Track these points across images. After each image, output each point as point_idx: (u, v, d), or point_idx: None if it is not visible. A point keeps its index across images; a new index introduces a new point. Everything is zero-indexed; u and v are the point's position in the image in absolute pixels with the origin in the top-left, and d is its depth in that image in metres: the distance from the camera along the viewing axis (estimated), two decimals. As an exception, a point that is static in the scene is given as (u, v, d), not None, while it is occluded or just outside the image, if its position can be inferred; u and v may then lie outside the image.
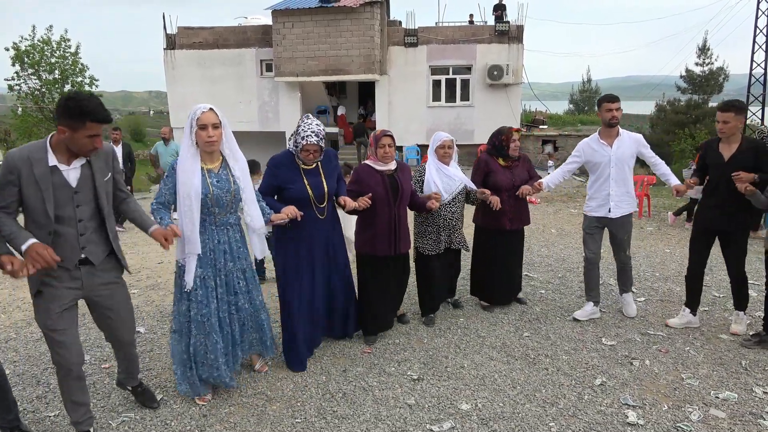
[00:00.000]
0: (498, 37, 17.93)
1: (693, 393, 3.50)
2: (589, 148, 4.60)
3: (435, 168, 4.49)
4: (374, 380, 3.67)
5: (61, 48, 24.95)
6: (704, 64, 26.62)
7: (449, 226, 4.52)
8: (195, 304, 3.20)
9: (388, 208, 4.03)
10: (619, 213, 4.53)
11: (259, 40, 18.77)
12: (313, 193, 3.66)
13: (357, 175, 4.08)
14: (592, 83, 44.04)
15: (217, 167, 3.19)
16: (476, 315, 4.83)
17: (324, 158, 3.75)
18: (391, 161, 4.09)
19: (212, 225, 3.21)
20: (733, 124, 4.07)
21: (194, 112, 3.06)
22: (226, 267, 3.27)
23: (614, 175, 4.48)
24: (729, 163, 4.09)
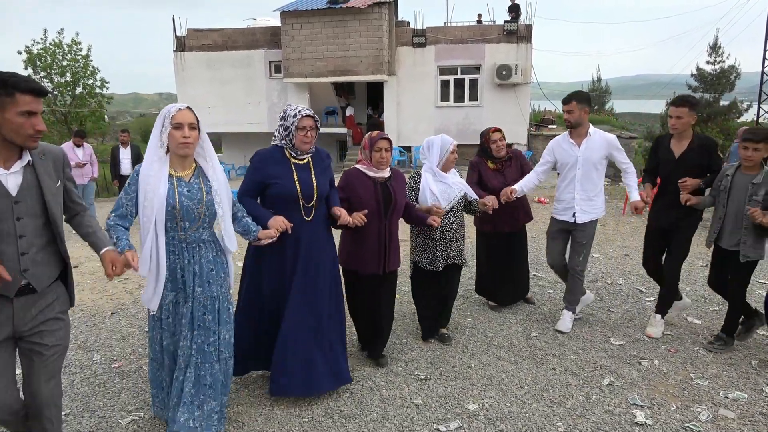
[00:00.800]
0: (506, 36, 17.88)
1: (702, 393, 3.48)
2: (560, 147, 4.33)
3: (432, 174, 4.02)
4: (381, 380, 3.67)
5: (73, 51, 25.20)
6: (715, 63, 26.40)
7: (447, 239, 4.04)
8: (167, 333, 2.83)
9: (378, 221, 3.57)
10: (585, 219, 4.25)
11: (267, 42, 18.86)
12: (302, 191, 3.21)
13: (346, 179, 3.60)
14: (602, 82, 43.75)
15: (189, 175, 2.75)
16: (484, 315, 4.82)
17: (316, 155, 3.34)
18: (386, 168, 3.62)
19: (182, 242, 2.73)
20: (686, 120, 3.99)
21: (168, 110, 2.68)
22: (194, 293, 2.78)
23: (580, 177, 4.21)
24: (680, 161, 4.03)
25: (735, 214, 3.83)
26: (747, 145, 3.73)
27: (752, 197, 3.72)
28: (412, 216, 3.85)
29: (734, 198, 3.82)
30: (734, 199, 3.82)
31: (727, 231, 3.88)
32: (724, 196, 3.87)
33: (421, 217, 3.82)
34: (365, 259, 3.62)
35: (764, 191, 3.69)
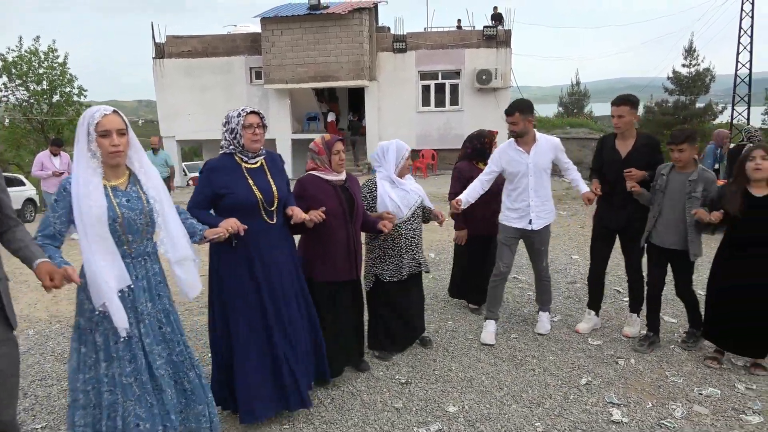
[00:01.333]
0: (486, 41, 18.07)
1: (677, 390, 3.55)
2: (506, 155, 4.21)
3: (389, 182, 3.92)
4: (362, 385, 3.68)
5: (49, 59, 24.87)
6: (691, 66, 26.90)
7: (412, 246, 3.97)
8: (116, 362, 2.43)
9: (346, 226, 3.46)
10: (541, 224, 4.22)
11: (248, 48, 18.83)
12: (262, 195, 3.02)
13: (303, 187, 3.43)
14: (582, 86, 44.33)
15: (124, 183, 2.50)
16: (464, 318, 4.86)
17: (268, 158, 3.17)
18: (343, 171, 3.55)
19: (126, 257, 2.45)
20: (628, 118, 4.04)
21: (91, 115, 2.36)
22: (146, 309, 2.52)
23: (533, 184, 4.16)
24: (626, 160, 4.06)
25: (671, 212, 3.87)
26: (672, 148, 3.82)
27: (691, 194, 3.78)
28: (366, 222, 3.71)
29: (670, 196, 3.87)
30: (671, 197, 3.87)
31: (662, 228, 3.92)
32: (660, 195, 3.92)
33: (373, 222, 3.71)
34: (338, 267, 3.48)
35: (701, 187, 3.77)
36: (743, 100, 23.45)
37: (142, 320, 2.50)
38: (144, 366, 2.47)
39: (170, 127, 19.37)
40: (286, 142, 19.00)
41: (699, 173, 3.81)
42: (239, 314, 3.05)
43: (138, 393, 2.45)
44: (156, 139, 10.78)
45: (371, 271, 4.00)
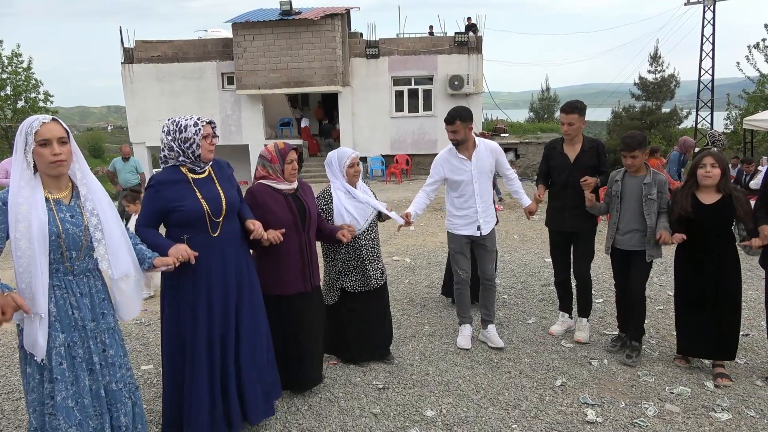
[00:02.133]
0: (458, 47, 18.24)
1: (649, 389, 3.62)
2: (448, 163, 4.21)
3: (344, 192, 3.86)
4: (340, 391, 3.67)
5: (13, 63, 24.26)
6: (656, 72, 27.61)
7: (373, 255, 3.94)
8: (61, 384, 2.29)
9: (298, 235, 3.36)
10: (489, 229, 4.26)
11: (219, 53, 18.64)
12: (210, 207, 2.88)
13: (253, 197, 3.32)
14: (551, 91, 45.06)
15: (68, 197, 2.37)
16: (440, 322, 4.88)
17: (215, 166, 3.05)
18: (295, 179, 3.44)
19: (68, 275, 2.34)
20: (578, 125, 4.15)
21: (29, 124, 2.24)
22: (86, 329, 2.38)
23: (478, 189, 4.17)
24: (575, 164, 4.20)
25: (629, 216, 3.93)
26: (624, 155, 3.89)
27: (647, 197, 3.85)
28: (324, 231, 3.65)
29: (627, 200, 3.95)
30: (627, 201, 3.94)
31: (623, 232, 3.97)
32: (616, 201, 3.99)
33: (332, 231, 3.65)
34: (288, 279, 3.36)
35: (656, 190, 3.84)
36: (707, 106, 24.13)
37: (91, 338, 2.39)
38: (86, 388, 2.35)
39: (140, 134, 19.04)
40: (259, 148, 18.54)
41: (652, 176, 3.89)
42: (189, 331, 2.90)
43: (79, 417, 2.32)
44: (127, 149, 10.71)
45: (335, 285, 3.92)
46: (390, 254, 7.50)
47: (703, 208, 3.62)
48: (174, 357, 2.95)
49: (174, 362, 2.95)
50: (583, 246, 4.33)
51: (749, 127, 12.37)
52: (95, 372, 2.38)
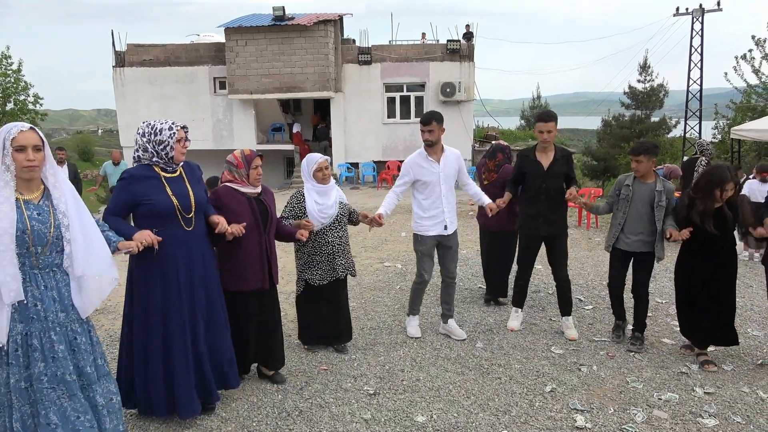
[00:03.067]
0: (450, 55, 18.35)
1: (637, 395, 3.65)
2: (418, 165, 4.44)
3: (315, 192, 4.15)
4: (330, 397, 3.67)
5: (2, 66, 24.07)
6: (645, 81, 27.90)
7: (341, 251, 4.24)
8: (15, 368, 2.51)
9: (258, 235, 3.60)
10: (453, 228, 4.51)
11: (212, 58, 18.62)
12: (180, 203, 3.17)
13: (218, 198, 3.55)
14: (542, 99, 45.40)
15: (38, 197, 2.60)
16: (431, 328, 4.90)
17: (186, 167, 3.33)
18: (258, 186, 3.68)
19: (33, 268, 2.55)
20: (554, 133, 4.40)
21: (8, 131, 2.49)
22: (57, 319, 2.58)
23: (444, 191, 4.42)
24: (548, 171, 4.44)
25: (638, 219, 4.23)
26: (631, 158, 4.23)
27: (659, 204, 4.15)
28: (283, 233, 3.90)
29: (636, 204, 4.23)
30: (636, 205, 4.23)
31: (627, 234, 4.27)
32: (624, 204, 4.26)
33: (290, 232, 3.90)
34: (247, 275, 3.59)
35: (665, 197, 4.16)
36: (695, 115, 24.41)
37: (51, 329, 2.56)
38: (40, 373, 2.52)
39: (131, 137, 18.83)
40: (251, 153, 18.80)
41: (663, 184, 4.20)
42: (160, 320, 3.16)
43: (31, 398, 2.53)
44: (117, 154, 10.95)
45: (301, 276, 4.24)
46: (381, 260, 7.51)
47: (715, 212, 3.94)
48: (148, 346, 3.17)
49: (148, 351, 3.17)
50: (558, 250, 4.58)
51: (736, 136, 12.52)
52: (58, 359, 2.55)
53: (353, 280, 6.46)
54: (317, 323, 4.32)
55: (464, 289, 6.08)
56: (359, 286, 6.23)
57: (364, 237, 9.17)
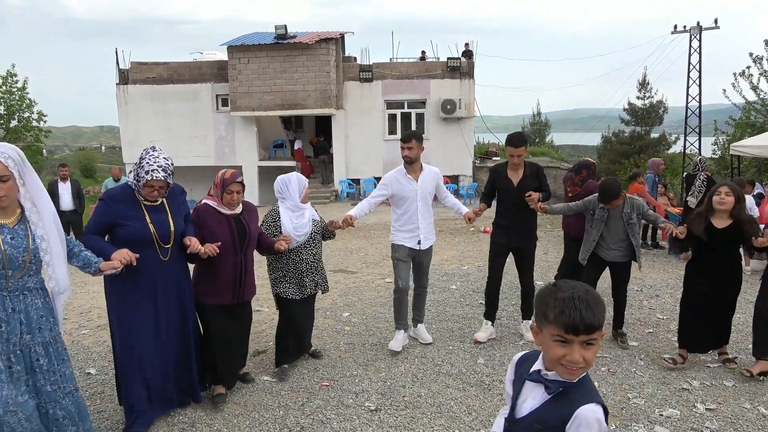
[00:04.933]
0: (450, 72, 18.53)
1: (639, 411, 3.65)
2: (397, 181, 4.62)
3: (292, 210, 4.22)
4: (332, 413, 3.67)
5: (8, 83, 24.33)
6: (645, 98, 28.10)
7: (312, 269, 4.30)
8: None
9: (234, 255, 3.67)
10: (427, 245, 4.71)
11: (214, 75, 18.81)
12: (158, 233, 3.24)
13: (197, 215, 3.64)
14: (542, 116, 45.66)
15: (14, 222, 2.64)
16: (433, 344, 4.90)
17: (169, 194, 3.34)
18: (236, 208, 3.72)
19: (3, 290, 2.60)
20: (524, 155, 4.72)
21: None
22: (21, 341, 2.65)
23: (421, 208, 4.61)
24: (519, 187, 4.70)
25: (614, 235, 4.69)
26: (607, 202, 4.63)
27: (629, 222, 4.63)
28: (263, 244, 4.00)
29: (611, 224, 4.69)
30: (612, 225, 4.69)
31: (608, 248, 4.73)
32: (599, 223, 4.71)
33: (271, 244, 3.99)
34: (219, 290, 3.69)
35: (635, 213, 4.63)
36: (694, 131, 24.53)
37: (13, 351, 2.63)
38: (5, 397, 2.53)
39: (133, 154, 19.05)
40: (253, 170, 18.92)
41: (629, 204, 4.65)
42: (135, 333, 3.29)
43: None
44: (117, 171, 11.32)
45: (273, 290, 4.30)
46: (383, 276, 7.53)
47: (714, 231, 4.08)
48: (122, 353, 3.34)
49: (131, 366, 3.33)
50: (527, 260, 4.93)
51: (736, 153, 12.57)
52: (20, 382, 2.63)
53: (355, 296, 6.48)
54: (284, 336, 4.34)
55: (465, 305, 6.09)
56: (360, 302, 6.25)
57: (366, 253, 9.20)
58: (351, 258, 8.93)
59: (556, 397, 1.57)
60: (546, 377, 1.60)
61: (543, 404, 1.60)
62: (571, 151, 49.21)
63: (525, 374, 1.68)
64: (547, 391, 1.59)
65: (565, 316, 1.49)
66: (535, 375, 1.64)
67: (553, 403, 1.58)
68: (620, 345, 4.76)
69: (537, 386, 1.63)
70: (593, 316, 1.49)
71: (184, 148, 18.85)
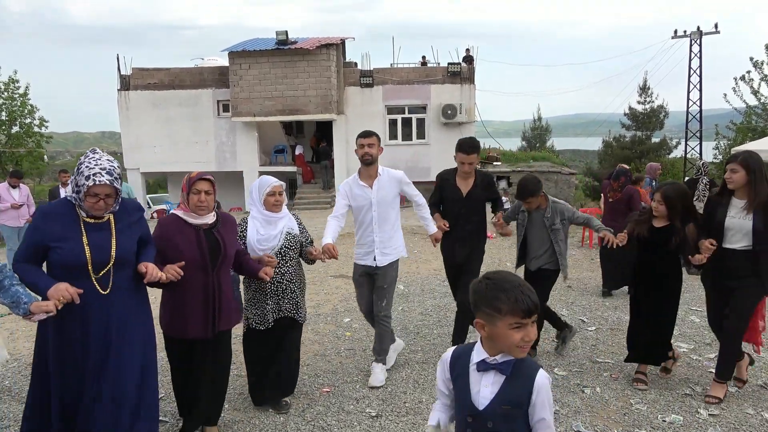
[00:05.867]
0: (450, 77, 18.58)
1: (641, 417, 3.63)
2: (351, 191, 4.17)
3: (260, 220, 3.62)
4: (333, 419, 3.65)
5: (10, 89, 24.39)
6: (645, 103, 28.14)
7: (278, 291, 3.61)
8: None
9: (204, 275, 3.06)
10: (386, 261, 4.14)
11: (215, 81, 18.88)
12: (93, 257, 2.57)
13: (161, 229, 3.07)
14: (543, 121, 45.70)
15: None
16: (434, 350, 4.88)
17: (119, 210, 2.72)
18: (207, 213, 3.10)
19: None
20: (475, 163, 4.39)
21: None
22: None
23: (377, 218, 4.10)
24: (467, 198, 4.41)
25: (537, 241, 4.40)
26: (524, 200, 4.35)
27: (552, 227, 4.34)
28: (244, 267, 3.38)
29: (533, 229, 4.41)
30: (533, 230, 4.41)
31: (531, 257, 4.44)
32: (521, 229, 4.47)
33: (253, 269, 3.36)
34: (189, 321, 3.06)
35: (558, 218, 4.35)
36: (695, 136, 24.56)
37: None
38: None
39: (135, 159, 19.14)
40: (254, 175, 18.93)
41: (551, 208, 4.36)
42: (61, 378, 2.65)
43: None
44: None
45: (245, 315, 3.68)
46: (383, 281, 7.51)
47: (653, 230, 3.97)
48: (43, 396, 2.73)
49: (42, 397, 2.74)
50: (470, 276, 4.35)
51: (737, 157, 12.57)
52: None
53: (355, 301, 6.45)
54: (256, 372, 3.72)
55: (467, 310, 6.07)
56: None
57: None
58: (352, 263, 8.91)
59: (512, 377, 1.75)
60: (496, 363, 1.76)
61: (502, 387, 1.76)
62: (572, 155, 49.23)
63: (466, 368, 1.82)
64: (504, 374, 1.75)
65: (521, 304, 1.68)
66: (483, 365, 1.78)
67: (510, 382, 1.75)
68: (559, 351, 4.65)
69: (485, 374, 1.78)
70: (536, 296, 1.72)
71: (185, 153, 18.90)
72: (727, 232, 3.67)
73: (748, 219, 3.58)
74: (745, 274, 3.63)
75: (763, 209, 3.54)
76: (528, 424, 1.76)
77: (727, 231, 3.67)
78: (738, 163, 3.60)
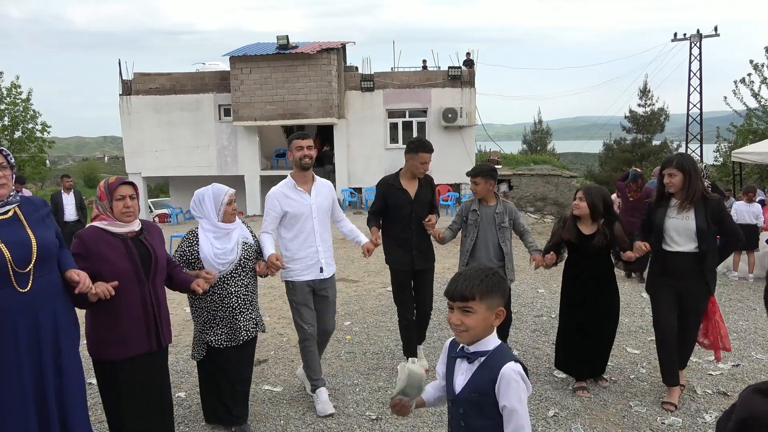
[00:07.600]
0: (451, 81, 18.60)
1: (641, 420, 3.64)
2: (284, 196, 3.77)
3: (213, 233, 3.37)
4: (333, 422, 3.67)
5: (12, 95, 24.49)
6: (646, 106, 28.17)
7: (246, 305, 3.45)
8: None
9: (140, 286, 2.83)
10: (331, 272, 3.92)
11: (217, 86, 18.93)
12: (12, 254, 2.34)
13: (82, 243, 2.76)
14: (544, 124, 45.70)
15: None
16: (434, 353, 4.90)
17: (26, 204, 2.54)
18: (133, 220, 2.87)
19: None
20: (429, 162, 4.24)
21: None
22: None
23: (318, 227, 3.81)
24: (416, 199, 4.28)
25: (484, 244, 4.26)
26: (471, 181, 4.26)
27: (501, 225, 4.23)
28: (174, 279, 3.12)
29: (483, 228, 4.26)
30: (483, 229, 4.26)
31: (481, 258, 4.23)
32: (473, 230, 4.27)
33: (185, 281, 3.12)
34: (128, 337, 2.80)
35: (507, 217, 4.25)
36: (696, 138, 24.58)
37: None
38: None
39: (136, 164, 19.19)
40: (255, 179, 19.01)
41: (503, 206, 4.28)
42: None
43: None
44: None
45: (201, 338, 3.42)
46: (384, 285, 7.54)
47: (582, 237, 3.93)
48: None
49: None
50: (427, 285, 4.42)
51: (738, 159, 12.59)
52: None
53: (356, 304, 6.49)
54: (220, 393, 3.48)
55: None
56: (362, 311, 6.25)
57: (367, 262, 9.20)
58: (352, 267, 8.94)
59: (482, 367, 1.84)
60: (467, 351, 1.87)
61: (473, 375, 1.86)
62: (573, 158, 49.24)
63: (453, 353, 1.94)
64: (468, 362, 1.87)
65: (448, 285, 1.85)
66: (459, 351, 1.91)
67: (480, 371, 1.84)
68: None
69: (462, 362, 1.90)
70: (466, 287, 1.79)
71: (187, 158, 18.94)
72: (669, 234, 3.71)
73: (691, 220, 3.62)
74: (692, 275, 3.68)
75: (703, 208, 3.61)
76: (500, 413, 1.83)
77: (669, 232, 3.70)
78: (674, 167, 3.66)
